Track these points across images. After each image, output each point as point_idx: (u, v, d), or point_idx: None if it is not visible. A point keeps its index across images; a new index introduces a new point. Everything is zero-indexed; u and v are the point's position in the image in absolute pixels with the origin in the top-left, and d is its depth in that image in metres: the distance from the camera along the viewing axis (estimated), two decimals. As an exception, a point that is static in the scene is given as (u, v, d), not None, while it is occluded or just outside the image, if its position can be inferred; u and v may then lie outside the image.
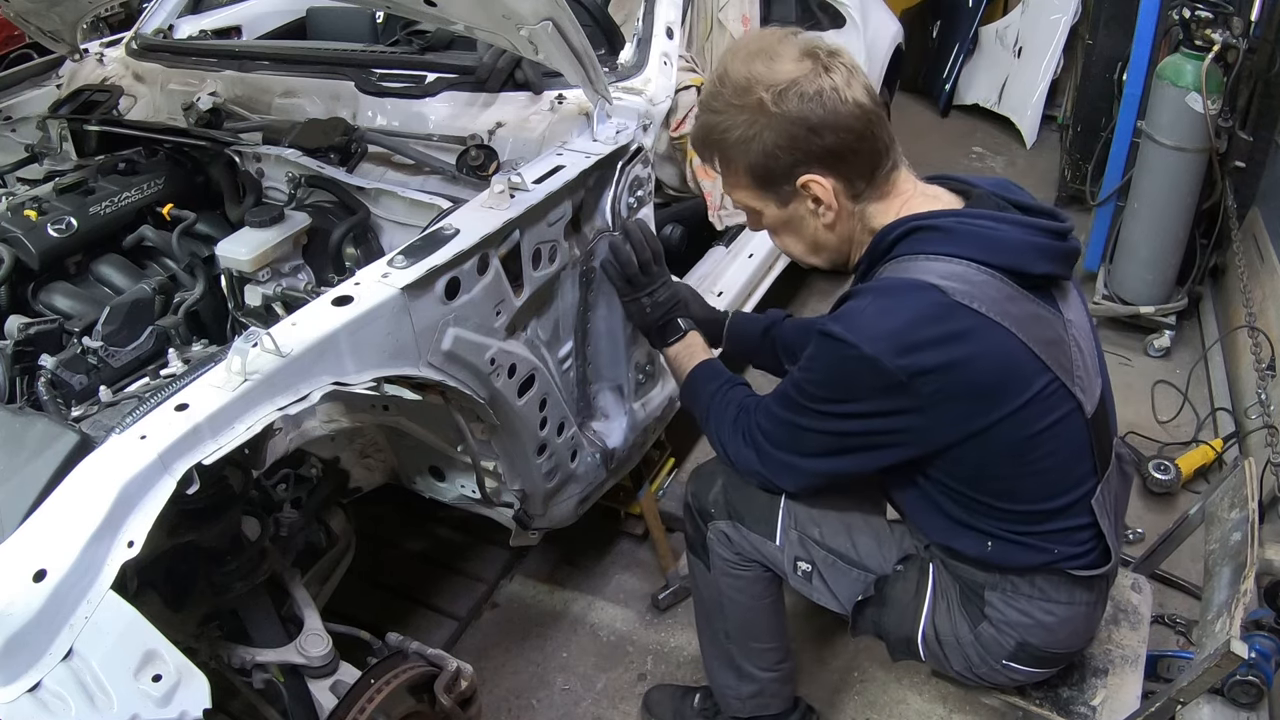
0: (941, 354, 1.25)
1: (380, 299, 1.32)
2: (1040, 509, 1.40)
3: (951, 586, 1.53)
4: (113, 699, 1.00)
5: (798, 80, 1.27)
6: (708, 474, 1.72)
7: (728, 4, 2.82)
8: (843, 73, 1.28)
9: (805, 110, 1.27)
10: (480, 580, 2.45)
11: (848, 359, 1.28)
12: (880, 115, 1.31)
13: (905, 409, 1.30)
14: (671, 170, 2.78)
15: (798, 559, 1.62)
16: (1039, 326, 1.31)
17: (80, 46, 2.56)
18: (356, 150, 1.95)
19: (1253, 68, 3.08)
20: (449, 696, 1.56)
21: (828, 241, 1.42)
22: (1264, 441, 2.37)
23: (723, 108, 1.33)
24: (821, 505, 1.64)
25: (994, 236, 1.29)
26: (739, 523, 1.65)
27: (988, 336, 1.26)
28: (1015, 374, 1.28)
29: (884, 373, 1.26)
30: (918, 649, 1.56)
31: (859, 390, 1.31)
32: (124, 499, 1.04)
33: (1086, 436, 1.39)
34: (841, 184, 1.33)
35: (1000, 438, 1.31)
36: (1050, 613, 1.46)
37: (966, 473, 1.38)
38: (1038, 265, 1.31)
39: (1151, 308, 3.26)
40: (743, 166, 1.36)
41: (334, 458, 1.91)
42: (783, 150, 1.30)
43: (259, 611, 1.57)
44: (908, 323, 1.25)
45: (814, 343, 1.34)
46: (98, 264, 1.82)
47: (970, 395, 1.28)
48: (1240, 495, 1.68)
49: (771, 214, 1.42)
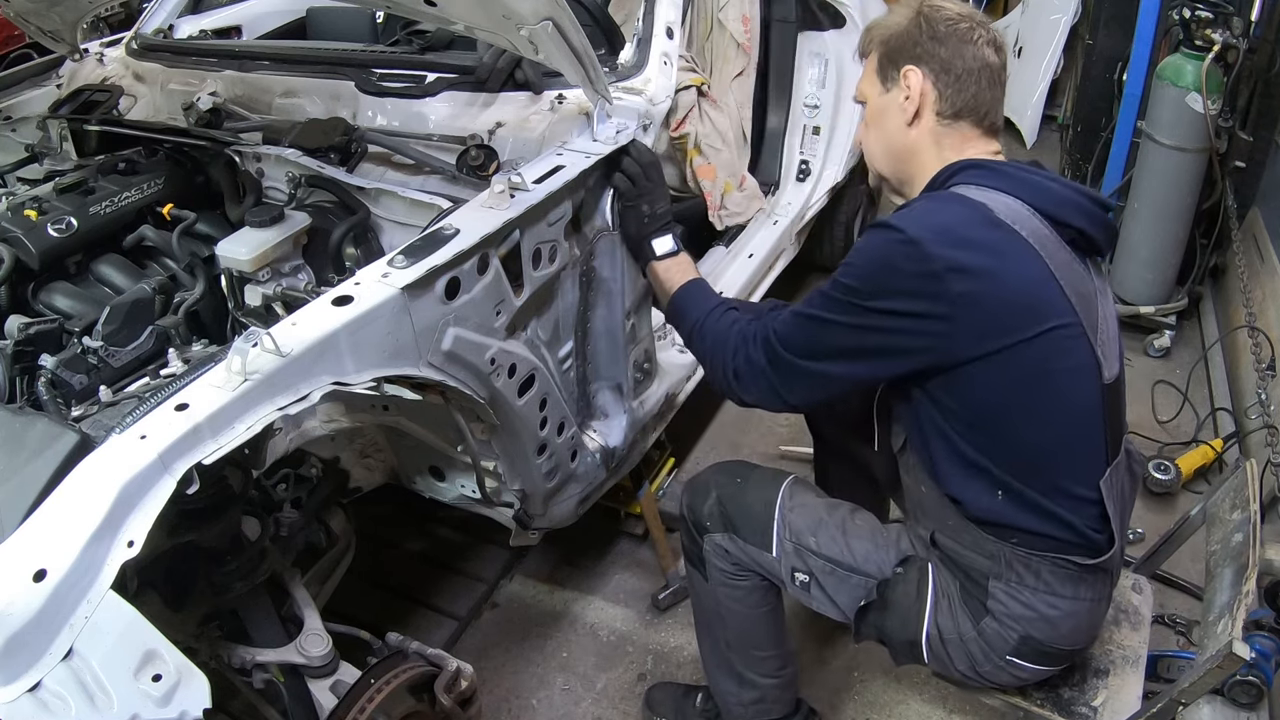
0: (979, 257, 1.32)
1: (380, 299, 1.32)
2: (1051, 464, 1.41)
3: (952, 583, 1.52)
4: (113, 699, 1.00)
5: (956, 13, 1.47)
6: (701, 486, 1.73)
7: (728, 4, 2.82)
8: (986, 36, 1.46)
9: (943, 27, 1.46)
10: (480, 580, 2.45)
11: (891, 242, 1.34)
12: (995, 78, 1.47)
13: (933, 313, 1.33)
14: (671, 170, 2.78)
15: (794, 569, 1.62)
16: (1072, 275, 1.38)
17: (80, 46, 2.56)
18: (356, 150, 1.95)
19: (1253, 68, 3.08)
20: (449, 696, 1.57)
21: (900, 146, 1.52)
22: (1264, 441, 2.38)
23: (897, 8, 1.55)
24: (816, 513, 1.64)
25: (1041, 184, 1.42)
26: (735, 534, 1.66)
27: (1024, 257, 1.34)
28: (1043, 300, 1.34)
29: (924, 258, 1.30)
30: (921, 652, 1.55)
31: (895, 281, 1.34)
32: (124, 499, 1.04)
33: (1100, 404, 1.41)
34: (934, 91, 1.47)
35: (1017, 364, 1.34)
36: (1054, 606, 1.46)
37: (981, 406, 1.39)
38: (1075, 218, 1.40)
39: (1151, 308, 3.26)
40: (878, 40, 1.53)
41: (334, 458, 1.91)
42: (909, 40, 1.48)
43: (259, 611, 1.57)
44: (955, 222, 1.35)
45: (864, 236, 1.42)
46: (98, 264, 1.82)
47: (996, 307, 1.32)
48: (1242, 496, 1.68)
49: (874, 100, 1.55)
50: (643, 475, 2.34)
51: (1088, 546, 1.44)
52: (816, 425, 2.07)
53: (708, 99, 2.73)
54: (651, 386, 2.18)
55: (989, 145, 1.50)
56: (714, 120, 2.74)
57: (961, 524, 1.48)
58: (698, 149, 2.69)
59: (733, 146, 2.80)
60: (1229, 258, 3.18)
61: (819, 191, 3.18)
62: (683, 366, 2.30)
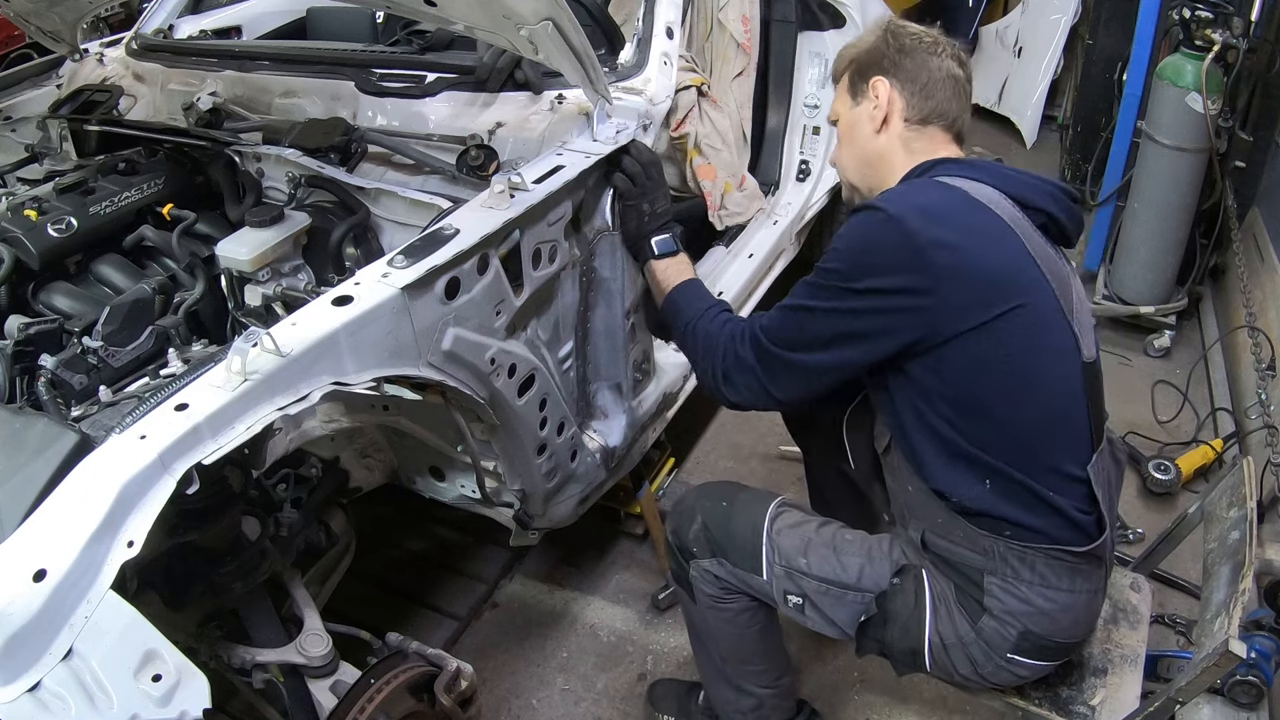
0: (959, 234, 1.36)
1: (380, 299, 1.32)
2: (1036, 445, 1.42)
3: (948, 587, 1.51)
4: (113, 699, 1.00)
5: (921, 30, 1.56)
6: (686, 510, 1.72)
7: (728, 4, 2.82)
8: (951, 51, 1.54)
9: (908, 40, 1.54)
10: (480, 580, 2.45)
11: (873, 221, 1.38)
12: (960, 90, 1.54)
13: (917, 287, 1.35)
14: (671, 170, 2.78)
15: (787, 592, 1.62)
16: (1047, 256, 1.42)
17: (80, 46, 2.56)
18: (356, 150, 1.95)
19: (1253, 68, 3.08)
20: (449, 696, 1.57)
21: (871, 152, 1.57)
22: (1264, 441, 2.37)
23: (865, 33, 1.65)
24: (805, 533, 1.63)
25: (1012, 174, 1.48)
26: (723, 558, 1.66)
27: (1002, 234, 1.39)
28: (1021, 275, 1.38)
29: (907, 233, 1.34)
30: (924, 660, 1.54)
31: (879, 258, 1.37)
32: (124, 499, 1.04)
33: (1082, 384, 1.43)
34: (901, 99, 1.53)
35: (998, 339, 1.36)
36: (1051, 599, 1.46)
37: (965, 386, 1.40)
38: (1046, 203, 1.46)
39: (1151, 308, 3.26)
40: (848, 60, 1.61)
41: (334, 458, 1.91)
42: (876, 54, 1.56)
43: (259, 611, 1.57)
44: (934, 201, 1.40)
45: (847, 221, 1.44)
46: (98, 264, 1.82)
47: (977, 281, 1.35)
48: (1239, 494, 1.68)
49: (845, 115, 1.62)
50: (643, 475, 2.34)
51: (1078, 531, 1.44)
52: (801, 437, 2.08)
53: (708, 99, 2.73)
54: (649, 386, 2.18)
55: (951, 147, 1.55)
56: (714, 120, 2.74)
57: (952, 520, 1.48)
58: (698, 149, 2.69)
59: (733, 146, 2.80)
60: (1229, 258, 3.18)
61: (819, 191, 3.18)
62: (679, 366, 2.30)
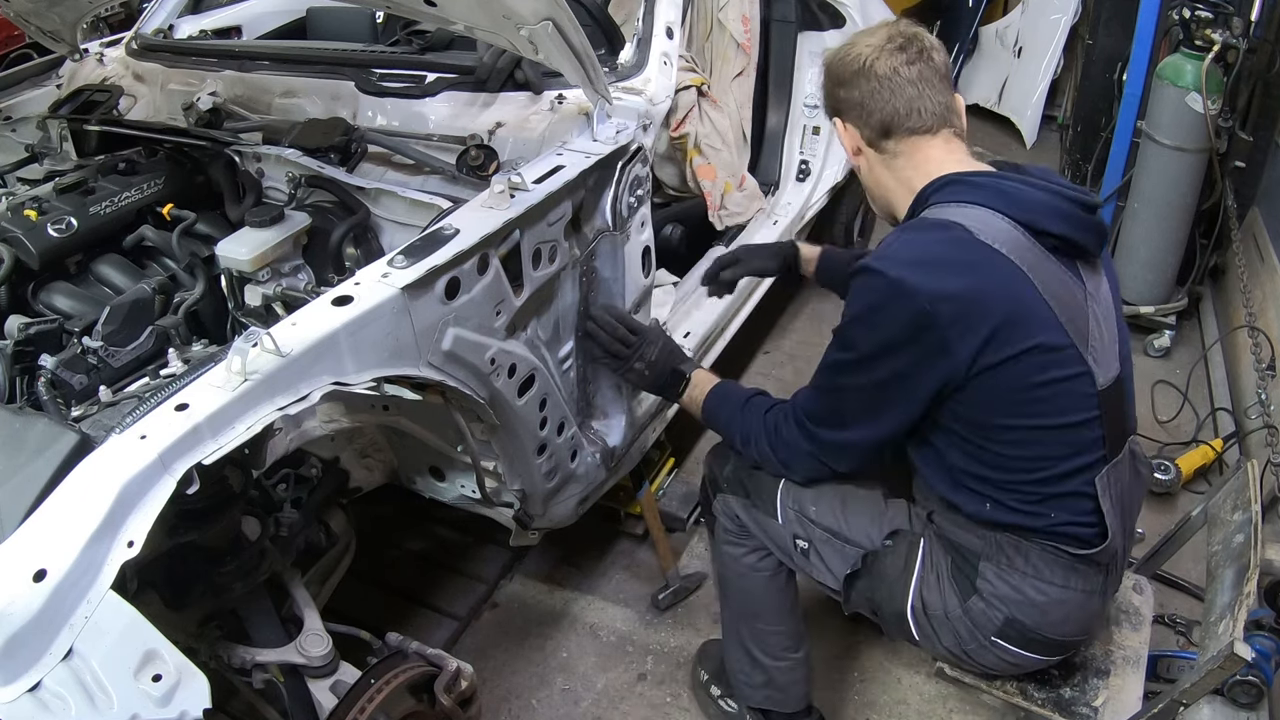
0: (961, 280, 1.33)
1: (380, 299, 1.32)
2: (1042, 474, 1.42)
3: (944, 559, 1.54)
4: (113, 699, 1.00)
5: (851, 49, 1.50)
6: (724, 451, 1.81)
7: (728, 4, 2.82)
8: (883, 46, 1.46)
9: (838, 69, 1.52)
10: (480, 580, 2.45)
11: (875, 288, 1.37)
12: (902, 79, 1.44)
13: (932, 348, 1.35)
14: (671, 170, 2.78)
15: (796, 536, 1.68)
16: (1056, 284, 1.38)
17: (80, 46, 2.56)
18: (356, 150, 1.95)
19: (1253, 68, 3.08)
20: (449, 696, 1.57)
21: (869, 183, 1.58)
22: (1264, 441, 2.37)
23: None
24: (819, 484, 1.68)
25: (1015, 192, 1.40)
26: (747, 499, 1.72)
27: (1005, 271, 1.35)
28: (1027, 316, 1.35)
29: (909, 295, 1.33)
30: (909, 626, 1.57)
31: (887, 327, 1.37)
32: (124, 499, 1.04)
33: (1095, 407, 1.41)
34: (854, 128, 1.52)
35: (1008, 378, 1.36)
36: (1042, 592, 1.47)
37: (974, 417, 1.41)
38: (1055, 225, 1.39)
39: (1151, 308, 3.26)
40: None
41: (334, 458, 1.91)
42: (827, 98, 1.57)
43: (259, 611, 1.57)
44: (931, 250, 1.37)
45: (851, 287, 1.44)
46: (98, 264, 1.82)
47: (984, 326, 1.33)
48: (1243, 497, 1.68)
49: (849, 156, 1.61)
50: (643, 475, 2.34)
51: (1076, 539, 1.45)
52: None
53: (708, 99, 2.73)
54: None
55: (944, 145, 1.48)
56: (714, 120, 2.74)
57: (954, 512, 1.52)
58: (698, 149, 2.69)
59: (732, 146, 2.80)
60: (1229, 258, 3.18)
61: (819, 191, 3.18)
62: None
